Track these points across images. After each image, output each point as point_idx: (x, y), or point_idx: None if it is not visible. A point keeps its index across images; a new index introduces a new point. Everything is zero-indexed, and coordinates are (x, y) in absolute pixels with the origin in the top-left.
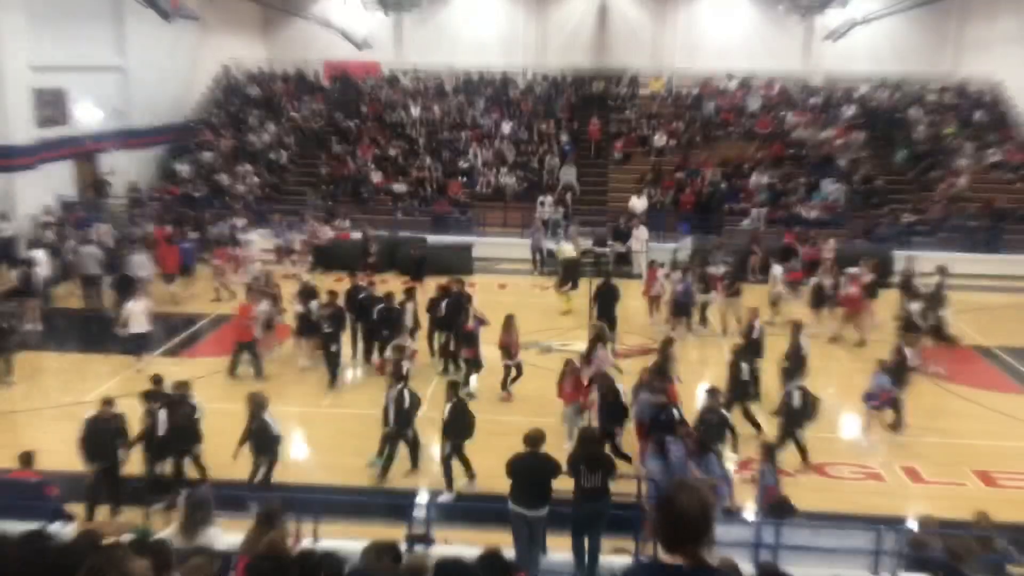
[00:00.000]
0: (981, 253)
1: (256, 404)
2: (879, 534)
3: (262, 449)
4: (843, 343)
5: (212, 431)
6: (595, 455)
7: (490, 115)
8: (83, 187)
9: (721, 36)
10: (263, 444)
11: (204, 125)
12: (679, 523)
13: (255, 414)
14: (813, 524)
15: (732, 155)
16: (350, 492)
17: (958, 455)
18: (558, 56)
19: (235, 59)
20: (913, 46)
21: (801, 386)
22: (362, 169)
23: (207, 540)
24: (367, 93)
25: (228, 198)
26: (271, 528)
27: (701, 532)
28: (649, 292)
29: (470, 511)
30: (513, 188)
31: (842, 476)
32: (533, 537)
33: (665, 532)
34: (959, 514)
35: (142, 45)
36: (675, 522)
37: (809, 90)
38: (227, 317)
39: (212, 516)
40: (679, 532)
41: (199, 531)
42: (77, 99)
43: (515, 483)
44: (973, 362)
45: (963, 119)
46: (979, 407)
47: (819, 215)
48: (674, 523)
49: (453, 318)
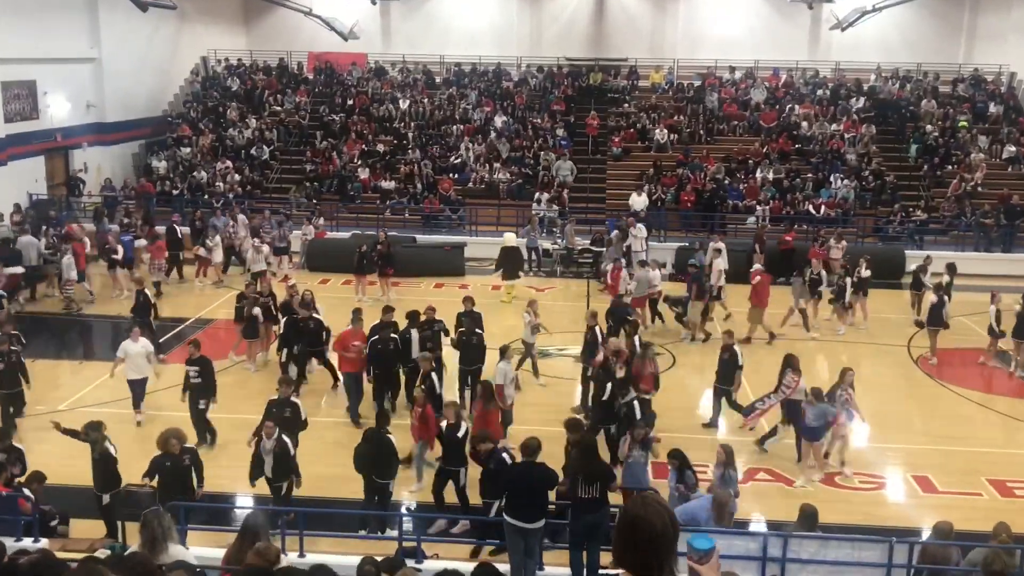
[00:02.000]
0: (996, 252)
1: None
2: (890, 547)
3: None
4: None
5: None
6: (592, 465)
7: (482, 108)
8: (54, 184)
9: (724, 25)
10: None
11: (182, 120)
12: (647, 544)
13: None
14: (822, 536)
15: (736, 150)
16: (337, 505)
17: (973, 464)
18: (553, 47)
19: (215, 50)
20: (924, 36)
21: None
22: (348, 165)
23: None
24: (353, 86)
25: (207, 196)
26: (256, 541)
27: (669, 554)
28: (615, 291)
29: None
30: (507, 185)
31: (852, 486)
32: (529, 551)
33: (630, 555)
34: (975, 526)
35: (117, 36)
36: (643, 543)
37: (816, 82)
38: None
39: (174, 533)
40: (647, 554)
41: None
42: (48, 92)
43: (511, 494)
44: (988, 366)
45: (977, 112)
46: (994, 413)
47: (827, 213)
48: (642, 544)
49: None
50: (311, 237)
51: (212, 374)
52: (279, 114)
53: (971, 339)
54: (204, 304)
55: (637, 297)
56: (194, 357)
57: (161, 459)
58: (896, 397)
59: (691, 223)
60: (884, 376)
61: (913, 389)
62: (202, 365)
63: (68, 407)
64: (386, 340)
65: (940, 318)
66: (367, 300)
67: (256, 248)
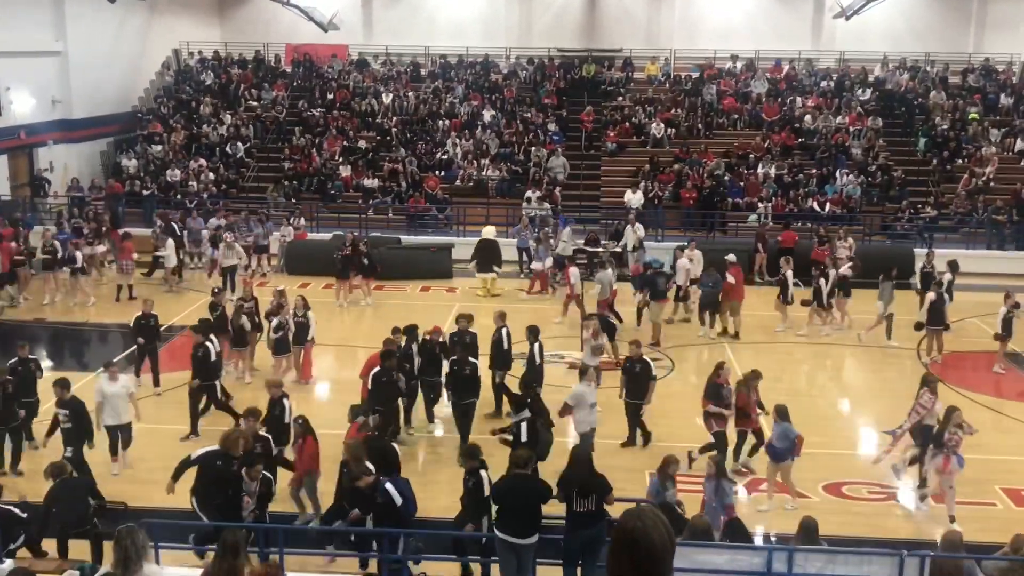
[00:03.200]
0: (1009, 250)
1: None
2: (901, 560)
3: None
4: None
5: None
6: (587, 477)
7: (470, 102)
8: (17, 184)
9: (723, 14)
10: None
11: (153, 116)
12: (647, 560)
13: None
14: (829, 550)
15: (736, 145)
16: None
17: (986, 472)
18: (544, 37)
19: (187, 43)
20: (932, 24)
21: (529, 418)
22: (328, 163)
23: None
24: (333, 79)
25: (180, 196)
26: (236, 559)
27: (669, 569)
28: (570, 292)
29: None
30: (496, 182)
31: (860, 497)
32: (521, 567)
33: (628, 572)
34: (990, 537)
35: (83, 27)
36: (642, 559)
37: (820, 73)
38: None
39: (147, 552)
40: (647, 571)
41: (135, 569)
42: (11, 87)
43: (503, 508)
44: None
45: (988, 103)
46: (1008, 419)
47: (832, 210)
48: (642, 561)
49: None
50: (290, 239)
51: (85, 416)
52: (255, 109)
53: (982, 342)
54: (178, 310)
55: (602, 299)
56: (64, 399)
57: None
58: (904, 403)
59: (691, 222)
60: (891, 380)
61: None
62: (73, 408)
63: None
64: (390, 372)
65: (942, 317)
66: (344, 304)
67: (228, 244)
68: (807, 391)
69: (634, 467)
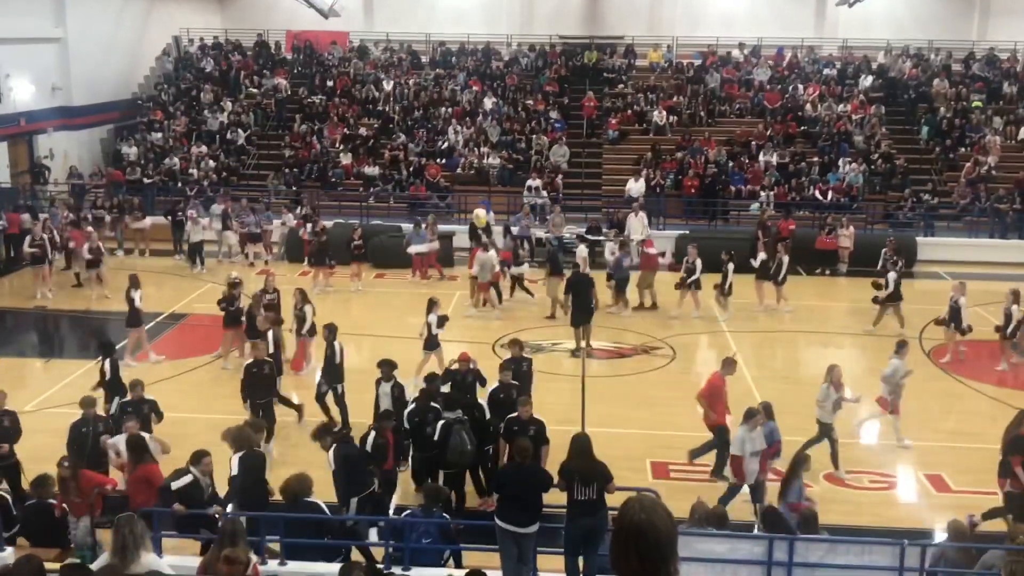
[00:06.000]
0: (1012, 239)
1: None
2: (902, 549)
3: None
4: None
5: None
6: (589, 465)
7: (471, 90)
8: (17, 172)
9: (726, 1)
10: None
11: (153, 103)
12: (652, 550)
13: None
14: (830, 539)
15: (738, 133)
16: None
17: (989, 462)
18: (546, 24)
19: (187, 29)
20: (936, 12)
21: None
22: (329, 150)
23: (144, 567)
24: (334, 66)
25: (180, 184)
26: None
27: (673, 556)
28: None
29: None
30: (497, 170)
31: (861, 486)
32: (522, 556)
33: (633, 562)
34: (991, 526)
35: (83, 14)
36: (646, 549)
37: (822, 61)
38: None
39: (146, 541)
40: (652, 560)
41: (132, 557)
42: (10, 74)
43: (504, 497)
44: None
45: (991, 91)
46: (1010, 408)
47: (834, 198)
48: (645, 550)
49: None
50: (291, 226)
51: (17, 425)
52: (256, 96)
53: (986, 331)
54: (179, 298)
55: (483, 282)
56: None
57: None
58: (907, 392)
59: (693, 210)
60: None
61: (925, 384)
62: (10, 417)
63: (34, 407)
64: (424, 412)
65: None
66: (321, 289)
67: (193, 219)
68: (811, 380)
69: (634, 455)
